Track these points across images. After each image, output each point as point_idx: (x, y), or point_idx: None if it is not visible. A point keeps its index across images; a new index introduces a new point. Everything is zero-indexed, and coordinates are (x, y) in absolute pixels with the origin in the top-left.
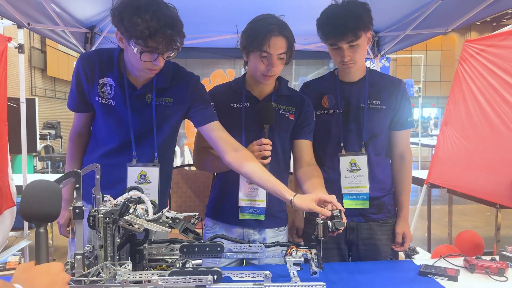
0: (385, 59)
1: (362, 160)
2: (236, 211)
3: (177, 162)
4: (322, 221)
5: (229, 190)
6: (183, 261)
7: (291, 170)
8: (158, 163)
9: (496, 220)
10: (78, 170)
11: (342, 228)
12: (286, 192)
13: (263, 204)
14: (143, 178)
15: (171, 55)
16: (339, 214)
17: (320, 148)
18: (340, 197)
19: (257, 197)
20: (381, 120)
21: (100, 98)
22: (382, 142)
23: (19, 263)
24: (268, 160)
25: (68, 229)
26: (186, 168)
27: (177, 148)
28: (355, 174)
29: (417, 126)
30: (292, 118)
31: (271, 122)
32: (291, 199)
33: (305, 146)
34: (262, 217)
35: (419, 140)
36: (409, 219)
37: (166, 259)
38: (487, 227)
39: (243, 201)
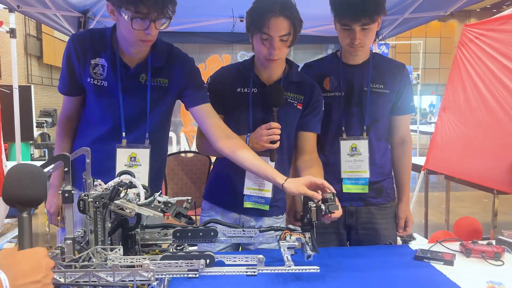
0: (383, 45)
1: (363, 145)
2: (235, 198)
3: (173, 149)
4: (315, 205)
5: (231, 176)
6: (180, 247)
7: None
8: (149, 145)
9: (493, 206)
10: (67, 154)
11: (337, 212)
12: (277, 177)
13: (269, 194)
14: (133, 160)
15: (164, 25)
16: (332, 198)
17: (321, 131)
18: (339, 181)
19: (263, 186)
20: (384, 105)
21: (91, 79)
22: (383, 127)
23: None
24: (277, 145)
25: (58, 218)
26: (182, 155)
27: (173, 135)
28: (356, 158)
29: (415, 113)
30: (300, 108)
31: (280, 105)
32: (282, 184)
33: (310, 138)
34: (266, 207)
35: (418, 128)
36: None
37: (159, 244)
38: (484, 213)
39: (248, 189)
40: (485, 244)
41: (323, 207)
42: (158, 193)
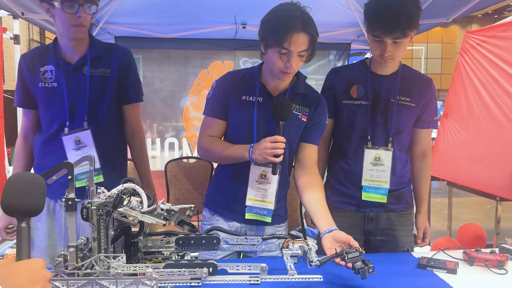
0: None
1: (387, 155)
2: (237, 209)
3: (175, 154)
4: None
5: (233, 186)
6: (182, 253)
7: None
8: (89, 126)
9: (496, 212)
10: (71, 162)
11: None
12: (323, 225)
13: (271, 206)
14: (78, 143)
15: (93, 12)
16: (362, 260)
17: (343, 138)
18: (359, 189)
19: (266, 198)
20: (408, 117)
21: (43, 83)
22: (406, 138)
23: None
24: (280, 159)
25: (8, 231)
26: (185, 160)
27: (175, 140)
28: (378, 168)
29: None
30: (305, 120)
31: (287, 119)
32: (321, 235)
33: (311, 151)
34: (268, 219)
35: None
36: None
37: (162, 252)
38: (487, 220)
39: (251, 200)
40: (488, 253)
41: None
42: (162, 200)
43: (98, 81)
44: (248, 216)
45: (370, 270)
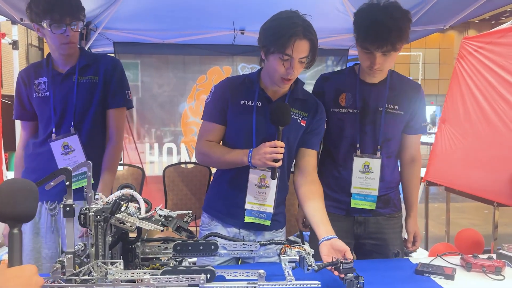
0: None
1: (375, 163)
2: (236, 212)
3: (173, 159)
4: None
5: (232, 190)
6: (180, 259)
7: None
8: (76, 131)
9: (494, 218)
10: (69, 168)
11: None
12: (322, 231)
13: (270, 209)
14: (66, 148)
15: (78, 28)
16: (355, 273)
17: (332, 145)
18: (348, 196)
19: (265, 201)
20: (397, 125)
21: (37, 94)
22: (395, 146)
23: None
24: (279, 163)
25: None
26: (183, 165)
27: (173, 146)
28: (367, 176)
29: None
30: (304, 124)
31: (286, 124)
32: (319, 242)
33: (311, 156)
34: (268, 223)
35: None
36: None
37: (160, 258)
38: (485, 225)
39: (250, 204)
40: (485, 258)
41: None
42: (159, 206)
43: (86, 88)
44: (247, 219)
45: (358, 286)
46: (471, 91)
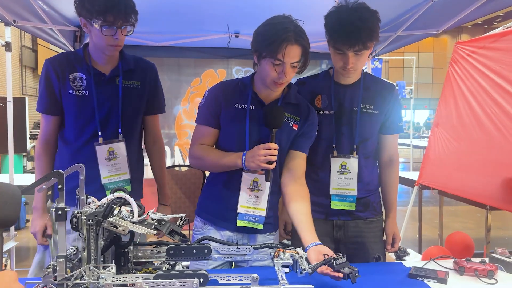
0: (377, 60)
1: (352, 163)
2: (229, 216)
3: (167, 162)
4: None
5: (225, 193)
6: (173, 262)
7: None
8: (123, 138)
9: (486, 221)
10: (61, 171)
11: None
12: (308, 237)
13: (263, 213)
14: (112, 154)
15: (129, 32)
16: (349, 265)
17: (310, 148)
18: (328, 197)
19: (258, 205)
20: (373, 125)
21: (73, 91)
22: (372, 146)
23: (5, 264)
24: (273, 166)
25: (44, 238)
26: (177, 168)
27: (167, 149)
28: (345, 176)
29: (408, 127)
30: (295, 128)
31: (279, 126)
32: (307, 248)
33: (300, 159)
34: (260, 226)
35: (411, 142)
36: (400, 220)
37: (153, 262)
38: (477, 229)
39: (242, 207)
40: (478, 262)
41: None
42: (152, 210)
43: (130, 93)
44: (240, 223)
45: (357, 274)
46: (464, 95)
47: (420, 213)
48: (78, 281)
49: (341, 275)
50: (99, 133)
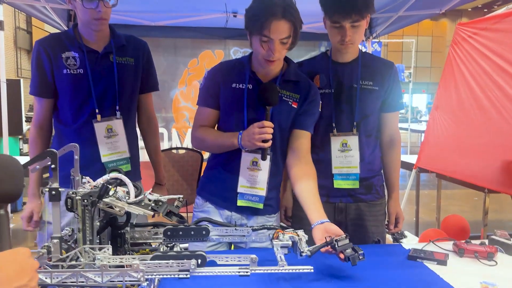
0: (376, 43)
1: (353, 141)
2: (229, 196)
3: (164, 145)
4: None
5: (225, 173)
6: (172, 245)
7: None
8: (121, 115)
9: (484, 204)
10: (54, 150)
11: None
12: (313, 215)
13: (262, 192)
14: (110, 131)
15: (113, 4)
16: (353, 247)
17: None
18: (330, 177)
19: (257, 184)
20: (373, 101)
21: (68, 70)
22: (373, 124)
23: None
24: (269, 144)
25: (29, 224)
26: (174, 151)
27: (164, 131)
28: (346, 154)
29: (407, 111)
30: (295, 106)
31: (274, 104)
32: (312, 227)
33: (304, 138)
34: (260, 206)
35: (409, 126)
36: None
37: (150, 243)
38: (474, 211)
39: (242, 187)
40: (478, 244)
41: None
42: (149, 191)
43: (125, 69)
44: (240, 203)
45: (360, 257)
46: (465, 78)
47: (417, 197)
48: (74, 262)
49: (342, 255)
50: (97, 111)
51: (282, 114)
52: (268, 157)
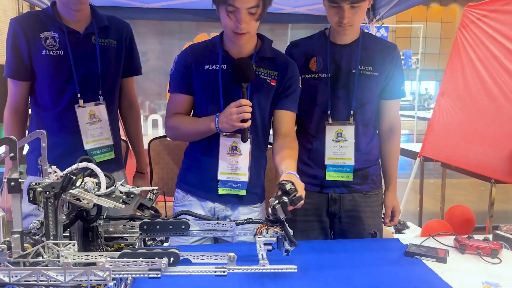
0: (383, 28)
1: (349, 131)
2: (209, 184)
3: (159, 132)
4: (277, 201)
5: (204, 160)
6: (152, 239)
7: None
8: (104, 101)
9: (490, 195)
10: (13, 137)
11: (302, 202)
12: (281, 169)
13: (245, 178)
14: (93, 117)
15: None
16: (292, 187)
17: (304, 114)
18: (323, 168)
19: (238, 170)
20: (372, 88)
21: (47, 51)
22: (371, 112)
23: None
24: (248, 123)
25: None
26: (169, 139)
27: (159, 118)
28: (341, 144)
29: (413, 99)
30: (274, 84)
31: (250, 80)
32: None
33: (285, 117)
34: (243, 192)
35: (415, 113)
36: (401, 193)
37: (125, 237)
38: (480, 202)
39: (223, 174)
40: (481, 240)
41: (286, 200)
42: (120, 182)
43: (107, 52)
44: (221, 191)
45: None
46: (472, 62)
47: (421, 186)
48: (40, 258)
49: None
50: (79, 95)
51: (260, 93)
52: (249, 139)
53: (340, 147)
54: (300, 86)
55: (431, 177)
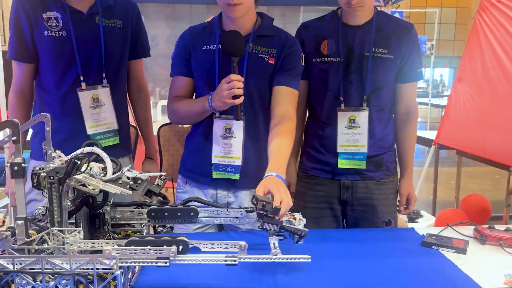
0: (397, 14)
1: (362, 117)
2: (205, 169)
3: (166, 119)
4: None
5: (200, 145)
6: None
7: None
8: (107, 84)
9: (508, 183)
10: (16, 120)
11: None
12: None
13: (238, 162)
14: (96, 101)
15: None
16: (264, 201)
17: (315, 100)
18: (335, 155)
19: (231, 153)
20: (387, 72)
21: (49, 32)
22: (386, 97)
23: (4, 220)
24: (240, 100)
25: None
26: (179, 125)
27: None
28: (354, 131)
29: (427, 86)
30: (272, 62)
31: (240, 54)
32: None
33: (282, 94)
34: (236, 176)
35: (429, 100)
36: (414, 181)
37: (132, 224)
38: (495, 191)
39: (216, 157)
40: (503, 230)
41: (265, 219)
42: (127, 167)
43: (112, 33)
44: (215, 174)
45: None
46: (492, 46)
47: (436, 174)
48: (45, 245)
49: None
50: (81, 78)
51: (258, 72)
52: (242, 121)
53: (352, 134)
54: (303, 64)
55: (444, 165)
